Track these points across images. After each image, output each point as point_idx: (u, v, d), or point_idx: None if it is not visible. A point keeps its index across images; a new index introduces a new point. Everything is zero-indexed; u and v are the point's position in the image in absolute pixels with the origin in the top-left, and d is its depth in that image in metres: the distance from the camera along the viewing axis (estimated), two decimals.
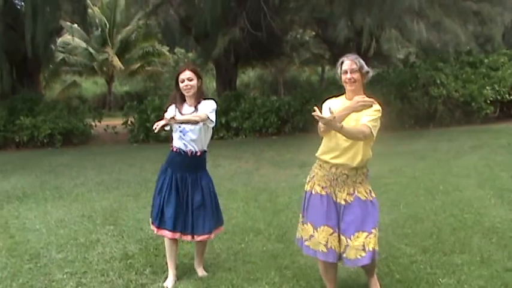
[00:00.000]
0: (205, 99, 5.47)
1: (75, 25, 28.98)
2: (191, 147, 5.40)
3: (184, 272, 5.70)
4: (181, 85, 5.40)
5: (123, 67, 36.50)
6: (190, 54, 36.76)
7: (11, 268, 5.99)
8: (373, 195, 4.77)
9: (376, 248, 4.67)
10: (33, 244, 6.90)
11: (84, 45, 35.59)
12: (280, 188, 10.01)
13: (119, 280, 5.52)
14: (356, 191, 4.67)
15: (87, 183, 11.18)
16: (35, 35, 18.77)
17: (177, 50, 38.15)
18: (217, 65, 24.33)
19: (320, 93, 19.05)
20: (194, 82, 5.40)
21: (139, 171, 12.67)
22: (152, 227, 5.60)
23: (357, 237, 4.59)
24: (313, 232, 4.71)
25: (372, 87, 17.46)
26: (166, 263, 5.61)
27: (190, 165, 5.45)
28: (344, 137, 4.57)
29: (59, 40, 31.03)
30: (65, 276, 5.69)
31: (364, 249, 4.56)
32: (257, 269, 5.71)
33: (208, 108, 5.34)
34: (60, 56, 33.28)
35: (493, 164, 11.53)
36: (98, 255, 6.36)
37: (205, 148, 5.52)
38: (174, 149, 5.48)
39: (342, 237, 4.65)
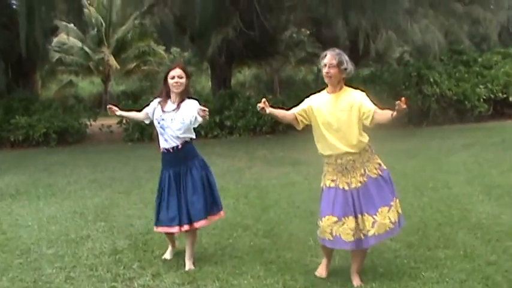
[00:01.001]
0: (189, 98, 5.65)
1: (71, 25, 28.94)
2: (172, 143, 5.63)
3: (170, 266, 5.79)
4: (171, 81, 5.61)
5: (119, 66, 36.46)
6: (185, 54, 36.75)
7: (2, 263, 6.07)
8: (383, 167, 5.07)
9: (400, 212, 5.04)
10: (24, 240, 6.97)
11: (80, 44, 35.41)
12: (270, 185, 10.08)
13: (107, 274, 5.60)
14: (366, 170, 4.96)
15: (80, 181, 11.24)
16: (30, 34, 18.79)
17: (172, 49, 38.06)
18: (211, 64, 24.38)
19: (314, 92, 19.01)
20: (184, 80, 5.64)
21: (132, 169, 12.73)
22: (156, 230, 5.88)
23: (381, 212, 4.88)
24: (319, 223, 5.00)
25: (365, 86, 17.52)
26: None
27: (178, 159, 5.66)
28: (330, 133, 4.77)
29: (55, 40, 31.01)
30: (54, 270, 5.77)
31: (391, 222, 4.88)
32: (243, 263, 5.80)
33: (196, 109, 5.47)
34: (56, 55, 33.22)
35: (483, 161, 11.61)
36: (88, 251, 6.44)
37: (187, 139, 5.67)
38: (161, 150, 5.75)
39: (368, 217, 4.89)
